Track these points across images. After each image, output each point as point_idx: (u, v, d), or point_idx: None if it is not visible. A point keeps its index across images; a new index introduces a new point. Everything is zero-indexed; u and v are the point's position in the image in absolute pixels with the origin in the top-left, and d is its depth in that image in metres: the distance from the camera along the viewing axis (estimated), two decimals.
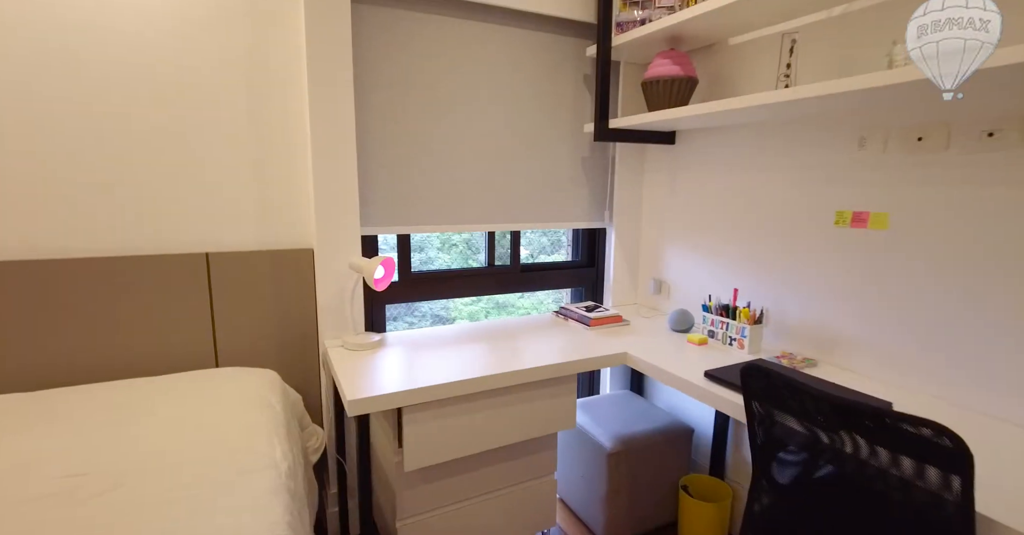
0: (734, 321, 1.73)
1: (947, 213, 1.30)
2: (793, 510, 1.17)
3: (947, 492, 0.86)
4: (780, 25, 1.64)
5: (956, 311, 1.30)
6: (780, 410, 1.14)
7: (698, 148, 2.00)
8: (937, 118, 1.30)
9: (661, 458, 1.93)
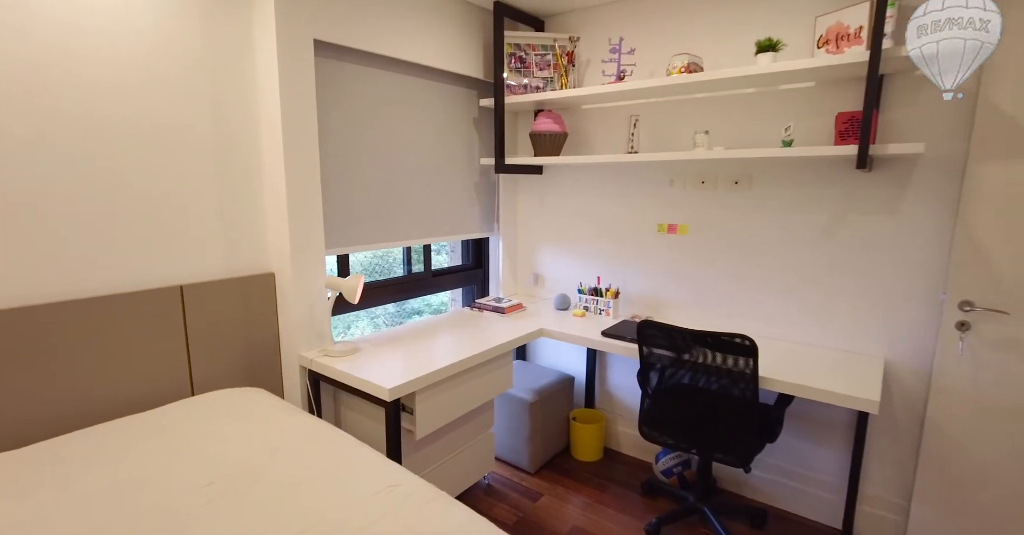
0: (602, 298, 2.57)
1: (718, 224, 2.32)
2: (664, 404, 2.02)
3: (747, 368, 1.77)
4: (618, 102, 2.50)
5: (722, 280, 2.33)
6: (656, 346, 1.96)
7: (560, 179, 2.78)
8: (711, 172, 2.30)
9: (558, 401, 2.69)
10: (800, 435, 2.24)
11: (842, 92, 1.95)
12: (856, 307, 2.03)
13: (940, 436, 1.85)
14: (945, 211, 1.82)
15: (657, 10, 2.33)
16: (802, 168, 2.08)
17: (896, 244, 1.93)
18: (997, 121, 1.64)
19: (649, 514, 2.26)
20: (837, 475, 2.16)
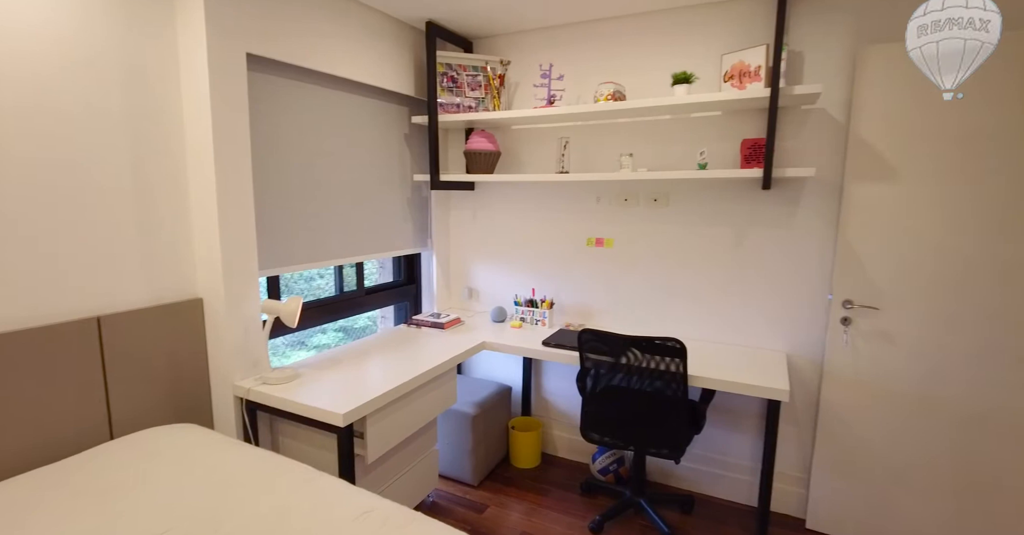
0: (538, 309, 2.68)
1: (641, 237, 2.52)
2: (603, 406, 2.16)
3: (677, 368, 1.95)
4: (549, 124, 2.64)
5: (646, 288, 2.54)
6: (595, 352, 2.10)
7: (493, 195, 2.87)
8: (633, 191, 2.50)
9: (497, 412, 2.75)
10: (719, 426, 2.49)
11: (745, 121, 2.23)
12: (762, 309, 2.32)
13: (831, 416, 2.17)
14: (829, 224, 2.15)
15: (583, 40, 2.51)
16: (712, 187, 2.34)
17: (791, 253, 2.24)
18: (864, 150, 1.98)
19: (591, 512, 2.39)
20: (751, 458, 2.44)
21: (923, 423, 2.02)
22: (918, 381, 2.00)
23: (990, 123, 1.80)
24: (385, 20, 2.43)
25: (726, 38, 2.22)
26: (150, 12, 1.68)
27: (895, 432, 2.06)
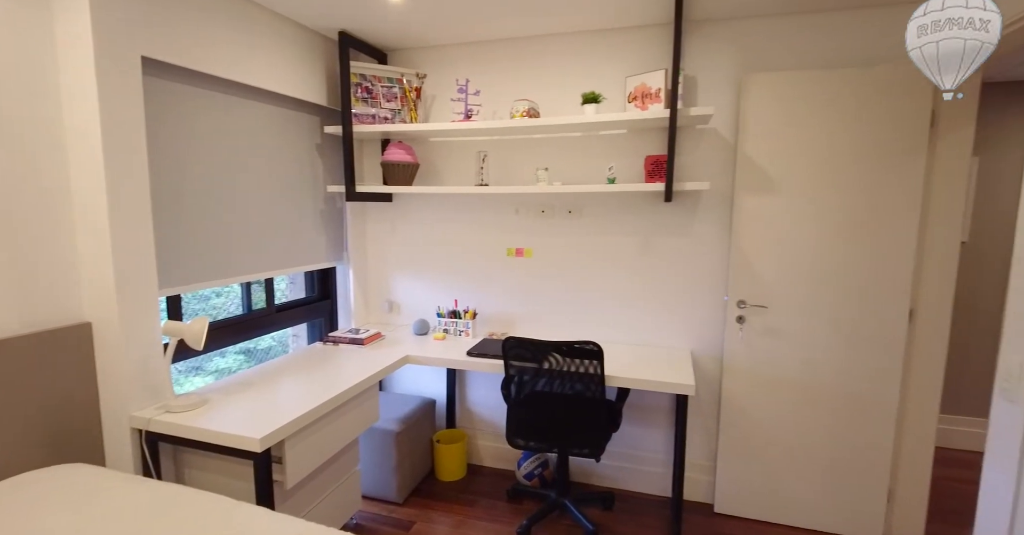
0: (461, 319, 2.70)
1: (558, 247, 2.64)
2: (528, 412, 2.22)
3: (596, 370, 2.06)
4: (466, 137, 2.69)
5: (564, 295, 2.65)
6: (519, 359, 2.16)
7: (412, 206, 2.86)
8: (549, 203, 2.61)
9: (421, 426, 2.72)
10: (634, 423, 2.64)
11: (648, 139, 2.42)
12: (668, 311, 2.51)
13: (732, 406, 2.39)
14: (723, 232, 2.39)
15: (499, 57, 2.59)
16: (621, 200, 2.51)
17: (692, 259, 2.45)
18: (749, 166, 2.23)
19: (518, 518, 2.43)
20: (664, 451, 2.61)
21: (806, 407, 2.28)
22: (800, 370, 2.27)
23: (850, 142, 2.11)
24: (295, 28, 2.36)
25: (630, 61, 2.40)
26: (22, 11, 1.51)
27: (784, 417, 2.32)
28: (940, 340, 2.14)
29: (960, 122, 2.02)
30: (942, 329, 2.13)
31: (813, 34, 2.17)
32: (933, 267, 2.11)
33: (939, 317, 2.12)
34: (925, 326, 2.14)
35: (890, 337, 2.14)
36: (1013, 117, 2.87)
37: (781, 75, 2.14)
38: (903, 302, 2.12)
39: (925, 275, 2.12)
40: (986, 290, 3.00)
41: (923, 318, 2.14)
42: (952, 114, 2.02)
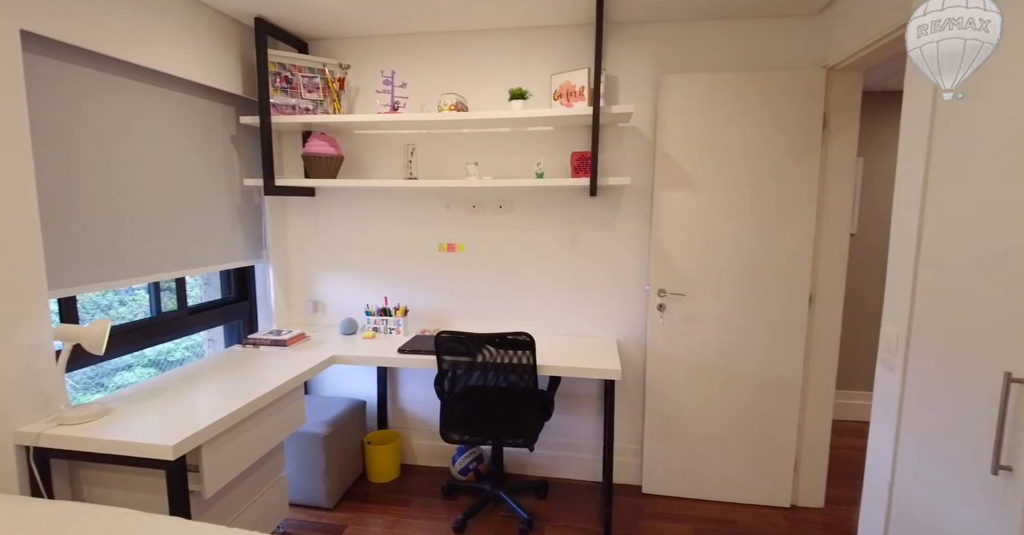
0: (391, 317, 2.65)
1: (489, 242, 2.65)
2: (462, 406, 2.22)
3: (528, 360, 2.10)
4: (393, 130, 2.64)
5: (496, 289, 2.68)
6: (452, 354, 2.16)
7: (337, 201, 2.76)
8: (480, 198, 2.62)
9: (351, 428, 2.64)
10: (565, 411, 2.71)
11: (573, 136, 2.50)
12: (595, 301, 2.60)
13: (655, 389, 2.51)
14: (644, 225, 2.51)
15: (426, 50, 2.57)
16: (549, 195, 2.57)
17: (616, 251, 2.55)
18: (667, 163, 2.36)
19: (454, 513, 2.42)
20: (595, 438, 2.70)
21: (722, 388, 2.45)
22: (716, 353, 2.43)
23: (758, 141, 2.28)
24: (208, 12, 2.21)
25: (555, 60, 2.47)
26: None
27: (703, 398, 2.47)
28: (835, 322, 2.36)
29: (846, 123, 2.24)
30: (836, 312, 2.35)
31: (724, 39, 2.33)
32: (828, 256, 2.33)
33: (833, 301, 2.35)
34: (822, 310, 2.36)
35: (794, 320, 2.35)
36: (890, 123, 3.23)
37: (694, 77, 2.29)
38: (804, 288, 2.32)
39: (821, 263, 2.34)
40: (871, 278, 3.36)
41: (820, 303, 2.36)
42: (840, 117, 2.25)
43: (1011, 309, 1.09)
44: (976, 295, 1.18)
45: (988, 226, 1.16)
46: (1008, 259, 1.10)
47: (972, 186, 1.21)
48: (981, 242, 1.18)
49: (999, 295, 1.12)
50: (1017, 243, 1.08)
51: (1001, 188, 1.11)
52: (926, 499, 1.35)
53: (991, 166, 1.15)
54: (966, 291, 1.22)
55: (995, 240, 1.14)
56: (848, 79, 2.22)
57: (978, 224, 1.19)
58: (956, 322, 1.25)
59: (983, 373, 1.15)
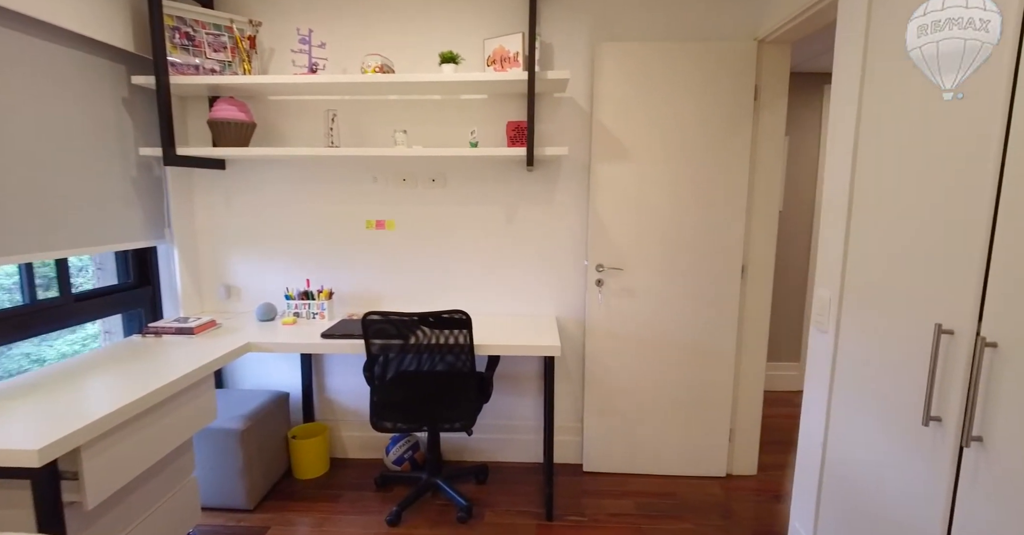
0: (314, 300, 2.44)
1: (422, 218, 2.50)
2: (395, 391, 2.08)
3: (464, 340, 1.98)
4: (313, 96, 2.41)
5: (430, 268, 2.54)
6: (382, 336, 2.01)
7: (251, 175, 2.51)
8: (410, 170, 2.46)
9: (272, 423, 2.42)
10: (504, 392, 2.63)
11: (509, 105, 2.39)
12: (533, 278, 2.52)
13: (594, 363, 2.47)
14: (582, 199, 2.45)
15: (347, 9, 2.36)
16: (484, 167, 2.45)
17: (554, 226, 2.48)
18: (604, 135, 2.30)
19: (388, 505, 2.28)
20: (535, 418, 2.64)
21: (659, 361, 2.44)
22: (654, 326, 2.42)
23: (693, 113, 2.27)
24: None
25: (487, 24, 2.34)
26: None
27: (641, 372, 2.46)
28: (766, 293, 2.41)
29: (776, 96, 2.27)
30: (767, 283, 2.40)
31: (659, 8, 2.29)
32: (759, 227, 2.37)
33: (764, 272, 2.40)
34: (754, 281, 2.40)
35: (727, 292, 2.37)
36: (812, 104, 3.35)
37: (629, 45, 2.23)
38: (737, 259, 2.35)
39: (753, 235, 2.37)
40: (795, 253, 3.50)
41: (752, 274, 2.40)
42: (770, 90, 2.27)
43: (939, 264, 1.10)
44: (905, 253, 1.19)
45: (914, 187, 1.17)
46: (935, 217, 1.10)
47: (896, 152, 1.22)
48: (909, 203, 1.19)
49: (927, 252, 1.13)
50: (941, 202, 1.09)
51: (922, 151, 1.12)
52: (858, 455, 1.38)
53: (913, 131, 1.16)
54: (895, 251, 1.23)
55: (923, 199, 1.14)
56: (778, 52, 2.24)
57: (906, 186, 1.20)
58: (886, 281, 1.26)
59: (913, 327, 1.16)
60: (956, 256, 1.06)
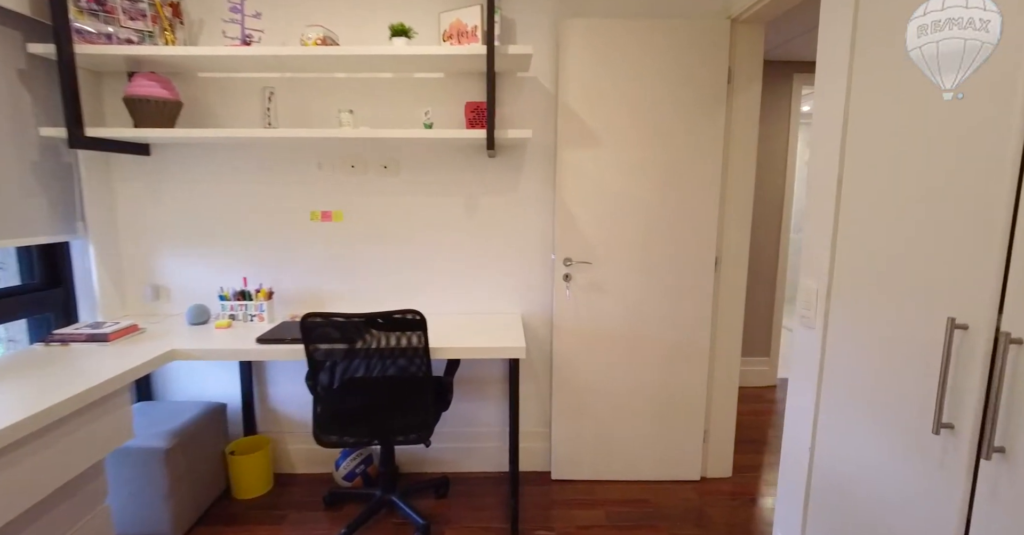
0: (252, 301, 2.20)
1: (373, 209, 2.29)
2: (342, 401, 1.87)
3: (419, 342, 1.78)
4: (248, 73, 2.16)
5: (383, 264, 2.32)
6: (325, 341, 1.79)
7: (180, 161, 2.24)
8: (359, 155, 2.24)
9: (206, 439, 2.17)
10: (466, 398, 2.44)
11: (467, 84, 2.19)
12: (497, 274, 2.34)
13: (563, 366, 2.31)
14: (548, 188, 2.28)
15: None
16: (441, 153, 2.25)
17: (519, 218, 2.30)
18: (571, 117, 2.14)
19: (338, 525, 2.06)
20: (500, 424, 2.46)
21: (631, 360, 2.30)
22: (624, 323, 2.27)
23: (664, 95, 2.12)
24: None
25: None
26: None
27: (612, 371, 2.31)
28: (739, 287, 2.30)
29: (750, 79, 2.16)
30: (741, 275, 2.29)
31: None
32: (733, 217, 2.25)
33: (739, 264, 2.28)
34: (728, 273, 2.28)
35: (701, 285, 2.25)
36: (782, 92, 3.28)
37: (596, 22, 2.07)
38: (710, 250, 2.22)
39: (727, 226, 2.25)
40: (765, 243, 3.42)
41: (726, 267, 2.28)
42: (744, 72, 2.15)
43: (950, 249, 0.97)
44: (909, 239, 1.07)
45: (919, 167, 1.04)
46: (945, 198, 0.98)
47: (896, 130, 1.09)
48: (914, 183, 1.06)
49: (936, 237, 1.00)
50: (951, 182, 0.96)
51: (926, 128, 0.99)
52: (853, 464, 1.25)
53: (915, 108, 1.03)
54: (897, 236, 1.10)
55: (930, 178, 1.02)
56: (752, 32, 2.12)
57: (909, 166, 1.07)
58: (885, 270, 1.13)
59: (919, 322, 1.04)
60: (971, 241, 0.93)
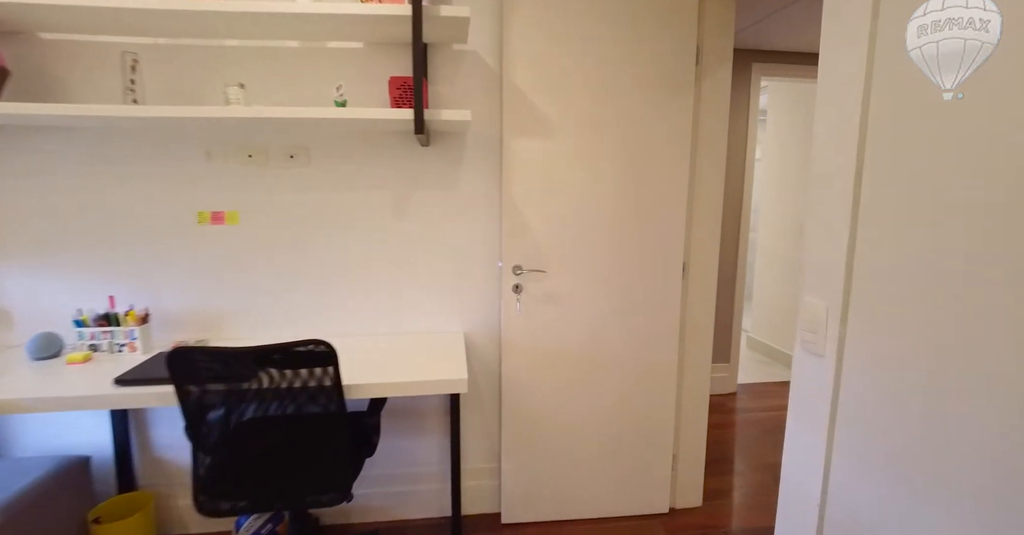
0: (120, 327, 1.72)
1: (277, 208, 1.86)
2: (231, 457, 1.45)
3: (327, 379, 1.39)
4: (107, 36, 1.68)
5: (290, 276, 1.90)
6: (205, 381, 1.37)
7: (19, 151, 1.72)
8: (258, 143, 1.81)
9: (58, 504, 1.68)
10: (398, 435, 2.06)
11: (392, 57, 1.81)
12: (433, 285, 1.97)
13: (513, 391, 1.98)
14: (493, 184, 1.94)
15: None
16: (362, 141, 1.86)
17: (460, 219, 1.94)
18: (519, 101, 1.80)
19: None
20: (441, 462, 2.09)
21: (591, 380, 2.00)
22: (583, 338, 1.97)
23: (626, 76, 1.83)
24: None
25: None
26: None
27: (569, 394, 2.00)
28: (709, 296, 2.05)
29: (720, 60, 1.90)
30: (710, 285, 2.04)
31: None
32: (701, 219, 1.99)
33: (708, 270, 2.03)
34: (696, 282, 2.03)
35: (667, 295, 1.98)
36: (740, 83, 3.10)
37: None
38: (677, 255, 1.96)
39: (695, 229, 1.99)
40: (722, 245, 3.24)
41: (694, 274, 2.02)
42: (713, 53, 1.90)
43: None
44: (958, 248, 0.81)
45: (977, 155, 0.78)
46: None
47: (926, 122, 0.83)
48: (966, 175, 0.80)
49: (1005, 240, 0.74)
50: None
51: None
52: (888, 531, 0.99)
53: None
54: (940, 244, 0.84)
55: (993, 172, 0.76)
56: (722, 7, 1.87)
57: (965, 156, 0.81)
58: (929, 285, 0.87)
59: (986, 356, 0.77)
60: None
